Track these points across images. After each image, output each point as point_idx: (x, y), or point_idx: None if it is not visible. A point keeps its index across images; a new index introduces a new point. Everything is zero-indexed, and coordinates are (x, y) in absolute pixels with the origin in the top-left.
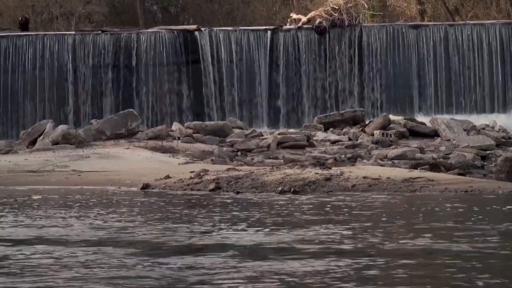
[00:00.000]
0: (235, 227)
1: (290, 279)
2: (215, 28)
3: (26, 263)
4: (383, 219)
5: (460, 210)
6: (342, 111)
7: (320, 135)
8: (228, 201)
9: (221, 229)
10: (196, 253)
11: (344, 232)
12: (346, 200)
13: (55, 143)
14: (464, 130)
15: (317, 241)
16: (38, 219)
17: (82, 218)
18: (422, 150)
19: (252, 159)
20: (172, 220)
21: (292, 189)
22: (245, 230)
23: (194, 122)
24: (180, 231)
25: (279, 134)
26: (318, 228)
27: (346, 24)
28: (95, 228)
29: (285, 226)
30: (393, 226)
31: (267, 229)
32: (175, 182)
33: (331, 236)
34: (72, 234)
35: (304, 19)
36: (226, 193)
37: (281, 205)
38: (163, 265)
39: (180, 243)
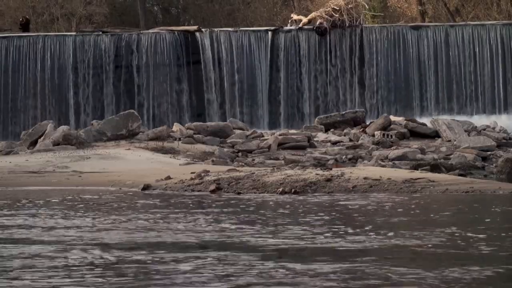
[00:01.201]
0: (337, 228)
1: None
2: (215, 29)
3: (152, 269)
4: (486, 220)
5: None
6: (343, 112)
7: (321, 136)
8: (281, 201)
9: (329, 232)
10: (334, 258)
11: (468, 235)
12: (402, 199)
13: (56, 144)
14: (465, 131)
15: (448, 244)
16: (117, 222)
17: (162, 221)
18: (423, 151)
19: (253, 160)
20: (263, 222)
21: (293, 190)
22: (357, 234)
23: (195, 123)
24: (283, 234)
25: (280, 135)
26: (427, 231)
27: (347, 25)
28: (185, 231)
29: (383, 229)
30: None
31: (385, 232)
32: (176, 183)
33: (458, 240)
34: (164, 236)
35: (304, 20)
36: (271, 194)
37: (344, 206)
38: (307, 271)
39: (296, 246)
